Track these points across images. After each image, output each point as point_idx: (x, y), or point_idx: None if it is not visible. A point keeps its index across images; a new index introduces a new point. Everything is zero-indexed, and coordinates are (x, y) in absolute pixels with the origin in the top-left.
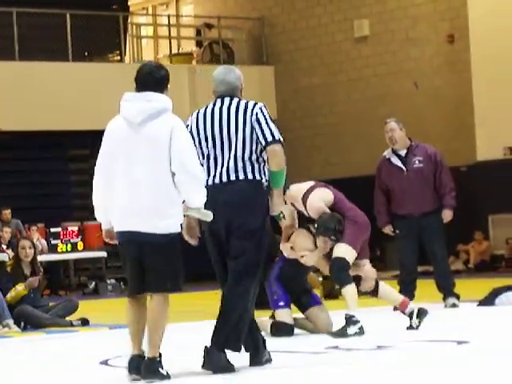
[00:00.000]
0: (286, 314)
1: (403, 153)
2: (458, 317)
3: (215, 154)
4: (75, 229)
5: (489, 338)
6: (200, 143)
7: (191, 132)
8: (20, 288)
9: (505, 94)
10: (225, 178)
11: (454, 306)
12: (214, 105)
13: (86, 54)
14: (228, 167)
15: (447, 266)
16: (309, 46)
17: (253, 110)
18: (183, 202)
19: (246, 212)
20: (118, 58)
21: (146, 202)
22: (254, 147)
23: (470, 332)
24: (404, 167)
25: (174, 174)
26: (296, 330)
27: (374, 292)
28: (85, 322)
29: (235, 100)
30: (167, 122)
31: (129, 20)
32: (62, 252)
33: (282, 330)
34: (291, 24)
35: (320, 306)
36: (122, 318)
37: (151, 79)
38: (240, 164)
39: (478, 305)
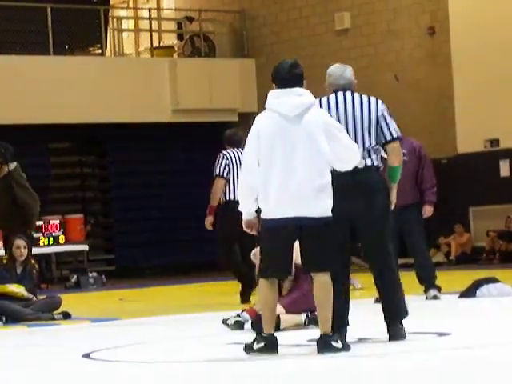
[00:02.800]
0: None
1: None
2: (439, 309)
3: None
4: (56, 222)
5: (470, 330)
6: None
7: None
8: (16, 290)
9: (485, 87)
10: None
11: (435, 298)
12: (337, 97)
13: (67, 47)
14: (365, 154)
15: (428, 259)
16: (290, 39)
17: (377, 105)
18: None
19: (381, 197)
20: (99, 51)
21: (305, 188)
22: (374, 139)
23: (451, 324)
24: None
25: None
26: None
27: None
28: (66, 316)
29: (356, 94)
30: (318, 115)
31: (109, 13)
32: (44, 245)
33: None
34: (272, 17)
35: None
36: (104, 311)
37: (295, 75)
38: (366, 153)
39: (459, 297)
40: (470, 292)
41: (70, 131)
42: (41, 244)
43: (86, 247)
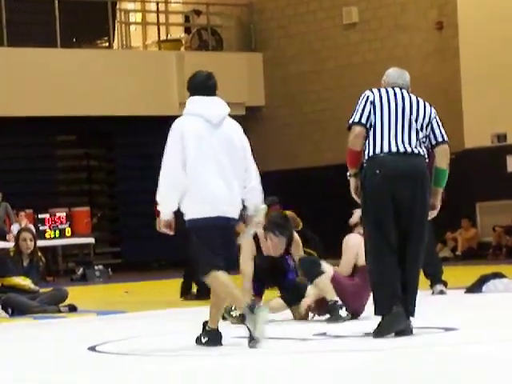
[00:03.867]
0: None
1: None
2: (446, 304)
3: (396, 128)
4: (63, 215)
5: (476, 325)
6: (382, 113)
7: (381, 104)
8: (23, 282)
9: (493, 82)
10: (414, 150)
11: (441, 293)
12: (395, 91)
13: (74, 40)
14: (414, 143)
15: (435, 254)
16: (297, 33)
17: (430, 107)
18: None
19: (426, 186)
20: (107, 44)
21: (235, 191)
22: (421, 139)
23: (458, 319)
24: None
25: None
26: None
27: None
28: (72, 309)
29: (412, 94)
30: (236, 125)
31: (117, 6)
32: (50, 238)
33: None
34: (279, 10)
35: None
36: (110, 304)
37: (213, 85)
38: (418, 143)
39: (465, 292)
40: (476, 287)
41: (77, 124)
42: (47, 237)
43: (92, 240)
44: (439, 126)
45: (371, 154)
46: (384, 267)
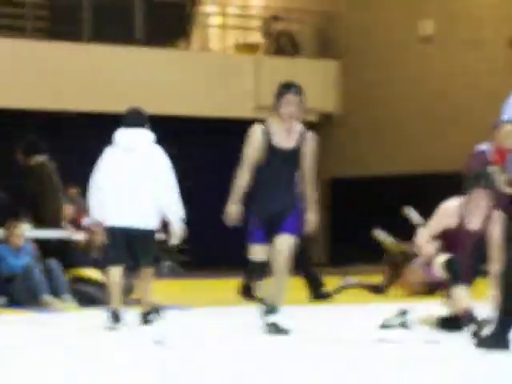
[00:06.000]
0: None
1: None
2: None
3: None
4: None
5: None
6: None
7: None
8: (92, 274)
9: None
10: None
11: None
12: None
13: (154, 39)
14: None
15: None
16: (375, 42)
17: None
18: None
19: None
20: (185, 45)
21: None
22: None
23: None
24: None
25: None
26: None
27: None
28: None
29: None
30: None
31: (197, 9)
32: None
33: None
34: (358, 19)
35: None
36: (179, 299)
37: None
38: None
39: None
40: None
41: (153, 124)
42: None
43: (162, 236)
44: None
45: None
46: None
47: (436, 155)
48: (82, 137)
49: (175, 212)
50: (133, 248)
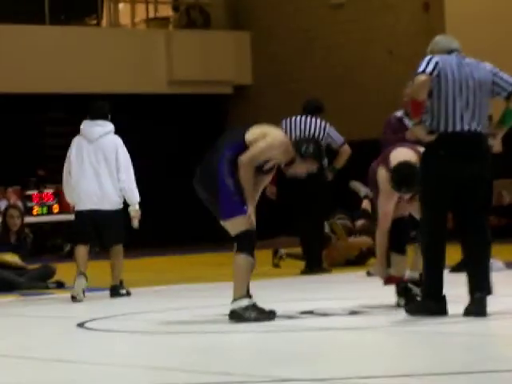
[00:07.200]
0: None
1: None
2: None
3: (468, 103)
4: (51, 191)
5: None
6: (460, 90)
7: (446, 73)
8: (11, 259)
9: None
10: (478, 129)
11: None
12: (459, 58)
13: (63, 17)
14: (480, 118)
15: None
16: (285, 12)
17: (486, 64)
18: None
19: (488, 163)
20: (95, 21)
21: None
22: (487, 102)
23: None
24: None
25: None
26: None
27: None
28: (60, 285)
29: (469, 58)
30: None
31: None
32: (38, 215)
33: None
34: None
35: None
36: (98, 281)
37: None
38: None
39: (450, 271)
40: (461, 266)
41: (65, 101)
42: (34, 213)
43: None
44: (502, 77)
45: (435, 129)
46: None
47: (357, 124)
48: None
49: (130, 195)
50: (100, 228)
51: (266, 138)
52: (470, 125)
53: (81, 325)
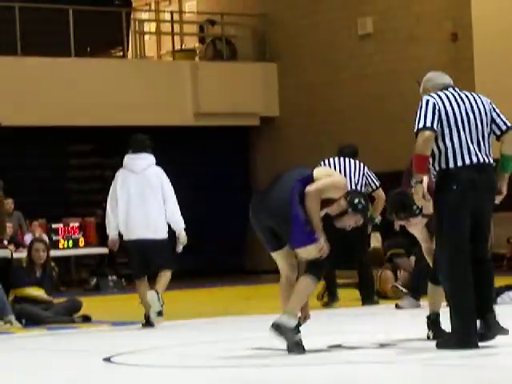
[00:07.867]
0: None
1: None
2: None
3: (471, 136)
4: (76, 225)
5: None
6: (463, 124)
7: (446, 111)
8: (36, 293)
9: (508, 93)
10: (486, 160)
11: None
12: (455, 92)
13: (89, 49)
14: (486, 149)
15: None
16: (312, 43)
17: (483, 97)
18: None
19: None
20: (121, 53)
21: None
22: (488, 134)
23: None
24: None
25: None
26: None
27: None
28: (86, 319)
29: (467, 92)
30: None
31: (131, 16)
32: (64, 248)
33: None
34: (294, 20)
35: None
36: (124, 315)
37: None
38: (488, 150)
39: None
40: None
41: (91, 134)
42: (60, 247)
43: (105, 250)
44: (499, 114)
45: (444, 166)
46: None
47: (384, 155)
48: (21, 150)
49: (177, 221)
50: (149, 256)
51: (332, 177)
52: (477, 156)
53: (107, 359)
